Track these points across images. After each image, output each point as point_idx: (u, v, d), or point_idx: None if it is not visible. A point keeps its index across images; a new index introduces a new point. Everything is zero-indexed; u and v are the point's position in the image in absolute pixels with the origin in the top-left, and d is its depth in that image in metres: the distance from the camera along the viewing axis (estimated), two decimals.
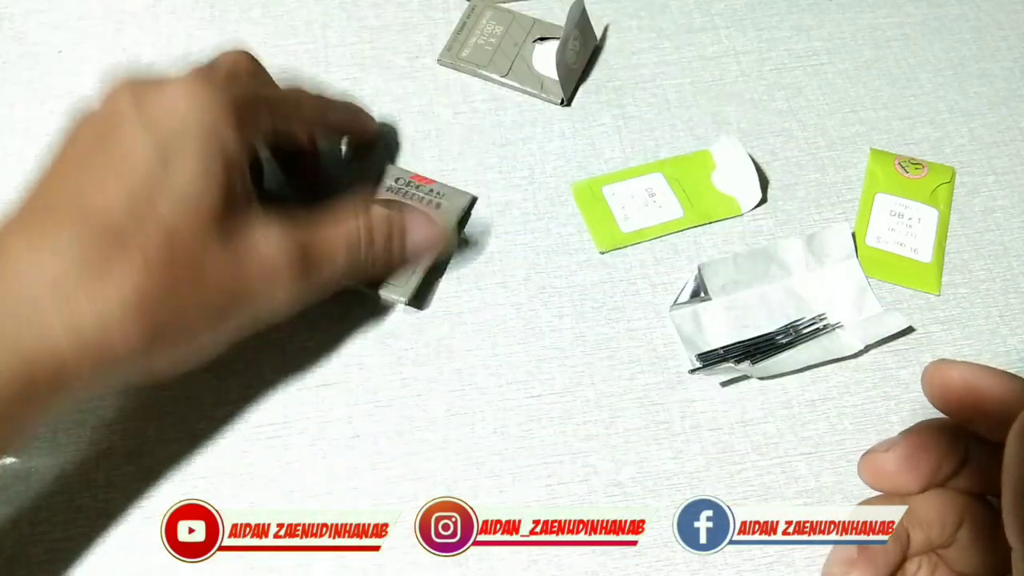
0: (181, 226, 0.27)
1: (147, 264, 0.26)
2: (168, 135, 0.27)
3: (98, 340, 0.25)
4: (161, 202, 0.27)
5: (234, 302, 0.29)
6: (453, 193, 0.39)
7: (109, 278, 0.25)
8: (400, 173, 0.39)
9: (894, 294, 0.38)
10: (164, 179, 0.27)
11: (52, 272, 0.25)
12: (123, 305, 0.25)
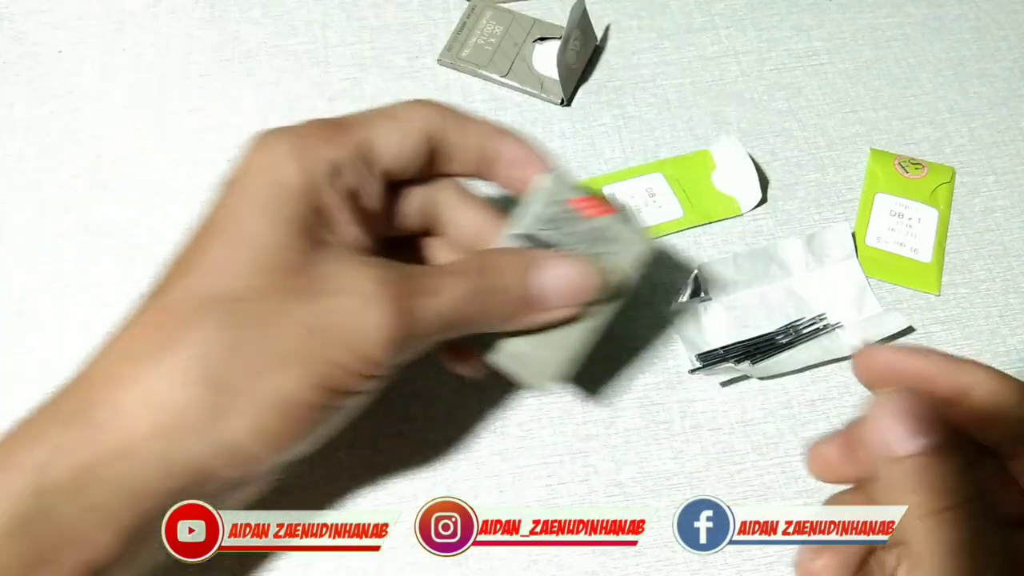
0: (231, 270, 0.25)
1: (194, 323, 0.24)
2: (230, 184, 0.27)
3: (160, 414, 0.23)
4: (206, 256, 0.25)
5: (313, 343, 0.24)
6: (629, 235, 0.28)
7: (166, 350, 0.24)
8: (558, 190, 0.28)
9: (894, 294, 0.38)
10: (215, 229, 0.26)
11: (127, 349, 0.25)
12: (184, 371, 0.23)
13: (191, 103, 0.43)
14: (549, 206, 0.28)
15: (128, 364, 0.24)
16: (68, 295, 0.37)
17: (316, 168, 0.26)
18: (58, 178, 0.40)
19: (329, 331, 0.24)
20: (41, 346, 0.36)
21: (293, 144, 0.26)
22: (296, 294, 0.24)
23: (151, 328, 0.25)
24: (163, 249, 0.38)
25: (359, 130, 0.27)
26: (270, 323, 0.24)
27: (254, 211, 0.25)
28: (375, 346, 0.24)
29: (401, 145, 0.27)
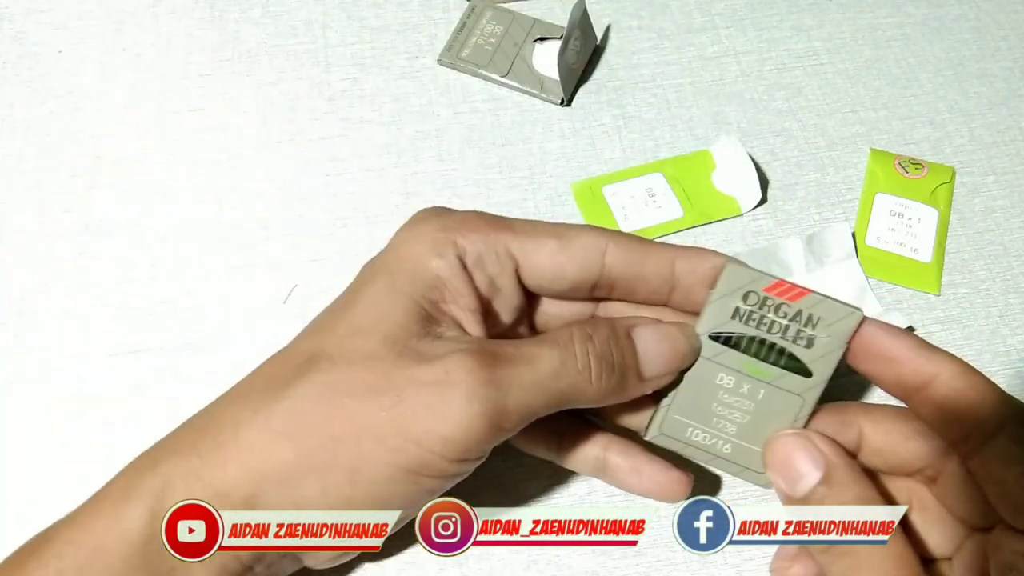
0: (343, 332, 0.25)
1: (298, 380, 0.25)
2: (375, 264, 0.27)
3: (252, 460, 0.24)
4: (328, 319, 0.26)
5: (402, 422, 0.23)
6: (834, 313, 0.26)
7: (270, 401, 0.25)
8: (751, 282, 0.26)
9: (894, 294, 0.38)
10: (345, 299, 0.27)
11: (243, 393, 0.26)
12: (278, 425, 0.24)
13: (191, 103, 0.43)
14: (744, 298, 0.26)
15: (239, 407, 0.25)
16: (68, 295, 0.37)
17: (451, 251, 0.26)
18: (58, 178, 0.40)
19: (411, 405, 0.23)
20: (41, 346, 0.36)
21: (443, 225, 0.26)
22: (387, 362, 0.24)
23: (266, 378, 0.26)
24: (163, 249, 0.39)
25: (517, 236, 0.27)
26: (359, 389, 0.24)
27: (375, 280, 0.26)
28: (458, 424, 0.23)
29: (554, 267, 0.27)
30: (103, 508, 0.25)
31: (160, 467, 0.24)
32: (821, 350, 0.26)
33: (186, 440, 0.25)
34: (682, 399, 0.28)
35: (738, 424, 0.27)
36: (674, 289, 0.27)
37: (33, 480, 0.33)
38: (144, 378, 0.35)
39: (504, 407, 0.24)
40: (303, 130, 0.42)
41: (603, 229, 0.28)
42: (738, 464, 0.28)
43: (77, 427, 0.34)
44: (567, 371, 0.25)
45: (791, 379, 0.27)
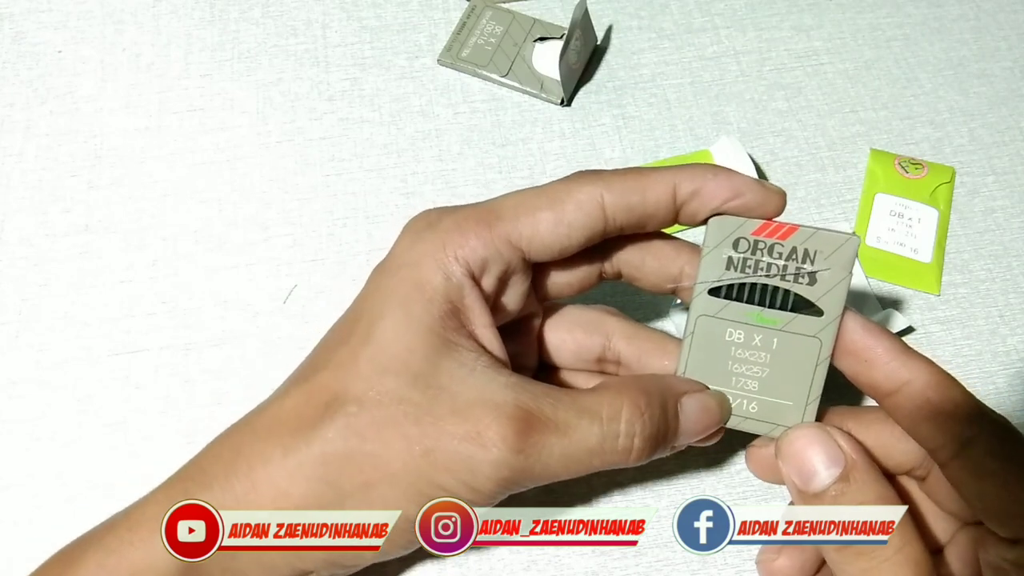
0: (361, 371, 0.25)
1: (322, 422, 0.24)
2: (376, 276, 0.26)
3: (281, 500, 0.24)
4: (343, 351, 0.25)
5: (425, 465, 0.23)
6: (829, 243, 0.25)
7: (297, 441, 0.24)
8: (738, 228, 0.26)
9: (894, 294, 0.38)
10: (356, 324, 0.25)
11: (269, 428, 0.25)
12: (305, 466, 0.24)
13: (191, 103, 0.43)
14: (735, 246, 0.26)
15: (268, 445, 0.25)
16: (68, 295, 0.37)
17: (458, 269, 0.25)
18: (58, 178, 0.40)
19: (442, 456, 0.23)
20: (41, 346, 0.36)
21: (442, 239, 0.25)
22: (418, 408, 0.24)
23: (292, 414, 0.25)
24: (163, 249, 0.39)
25: (514, 223, 0.26)
26: (388, 435, 0.24)
27: (390, 310, 0.25)
28: (486, 481, 0.23)
29: (558, 238, 0.26)
30: (135, 536, 0.24)
31: (204, 475, 0.25)
32: (826, 284, 0.25)
33: (216, 473, 0.25)
34: (695, 364, 0.26)
35: (759, 379, 0.26)
36: (679, 215, 0.26)
37: (33, 480, 0.33)
38: (144, 378, 0.35)
39: (530, 475, 0.24)
40: (303, 130, 0.42)
41: (594, 175, 0.26)
42: (768, 422, 0.26)
43: (77, 427, 0.34)
44: (604, 450, 0.24)
45: (803, 321, 0.25)
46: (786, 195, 0.26)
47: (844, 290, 0.25)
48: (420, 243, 0.26)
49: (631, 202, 0.25)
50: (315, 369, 0.26)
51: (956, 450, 0.23)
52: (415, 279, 0.25)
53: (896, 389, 0.24)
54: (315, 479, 0.24)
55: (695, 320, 0.26)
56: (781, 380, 0.26)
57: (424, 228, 0.26)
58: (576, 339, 0.30)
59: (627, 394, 0.25)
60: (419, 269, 0.25)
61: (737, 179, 0.25)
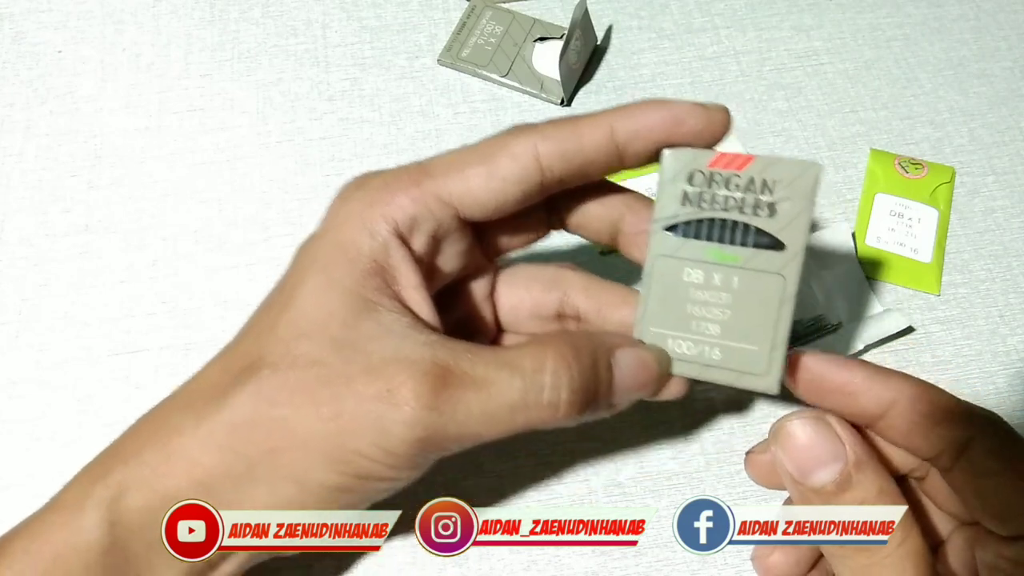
0: (276, 336, 0.24)
1: (232, 390, 0.23)
2: (307, 241, 0.26)
3: (195, 469, 0.23)
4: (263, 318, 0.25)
5: (336, 428, 0.22)
6: (789, 171, 0.24)
7: (208, 410, 0.24)
8: (692, 161, 0.24)
9: (894, 294, 0.38)
10: (280, 291, 0.25)
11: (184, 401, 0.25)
12: (215, 435, 0.23)
13: (191, 103, 0.43)
14: (690, 180, 0.24)
15: (183, 415, 0.24)
16: (68, 295, 0.37)
17: (384, 228, 0.24)
18: (58, 178, 0.40)
19: (353, 418, 0.22)
20: (41, 346, 0.36)
21: (368, 199, 0.25)
22: (331, 370, 0.23)
23: (209, 383, 0.25)
24: (163, 249, 0.39)
25: (444, 180, 0.25)
26: (298, 399, 0.23)
27: (311, 274, 0.24)
28: (400, 443, 0.22)
29: (492, 193, 0.24)
30: (58, 518, 0.24)
31: (111, 476, 0.24)
32: (787, 216, 0.23)
33: (134, 448, 0.25)
34: (654, 308, 0.25)
35: (720, 323, 0.24)
36: (624, 157, 0.25)
37: (33, 480, 0.33)
38: (144, 378, 0.35)
39: (448, 434, 0.23)
40: (303, 130, 0.42)
41: (528, 127, 0.25)
42: (733, 370, 0.24)
43: (77, 427, 0.34)
44: (528, 404, 0.23)
45: (764, 256, 0.24)
46: (729, 111, 0.24)
47: (806, 221, 0.23)
48: (347, 204, 0.25)
49: (567, 150, 0.24)
50: (237, 339, 0.25)
51: (955, 456, 0.23)
52: (339, 240, 0.24)
53: (884, 412, 0.24)
54: (224, 447, 0.23)
55: (652, 261, 0.25)
56: (744, 323, 0.24)
57: (353, 189, 0.25)
58: (533, 296, 0.28)
59: (553, 346, 0.24)
60: (343, 230, 0.24)
61: (675, 106, 0.24)
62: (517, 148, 0.24)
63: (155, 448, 0.24)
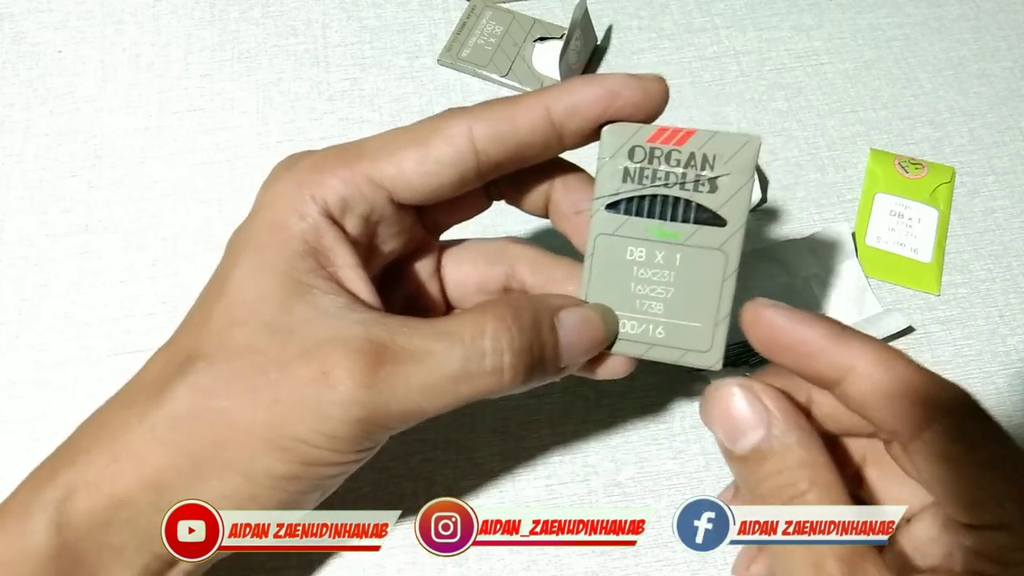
0: (211, 325, 0.23)
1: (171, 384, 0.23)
2: (241, 224, 0.25)
3: (144, 467, 0.23)
4: (200, 308, 0.24)
5: (277, 415, 0.22)
6: (729, 145, 0.24)
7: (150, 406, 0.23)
8: (632, 136, 0.24)
9: (894, 294, 0.38)
10: (215, 278, 0.24)
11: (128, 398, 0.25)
12: (159, 431, 0.23)
13: (191, 103, 0.43)
14: (630, 156, 0.24)
15: (126, 412, 0.24)
16: (68, 295, 0.37)
17: (314, 209, 0.24)
18: (58, 178, 0.40)
19: (290, 404, 0.22)
20: (41, 346, 0.36)
21: (297, 179, 0.24)
22: (266, 356, 0.22)
23: (151, 377, 0.24)
24: (163, 249, 0.39)
25: (376, 162, 0.24)
26: (235, 389, 0.22)
27: (242, 258, 0.24)
28: (340, 425, 0.22)
29: (425, 176, 0.24)
30: (5, 523, 0.23)
31: (58, 478, 0.23)
32: (728, 191, 0.24)
33: (81, 448, 0.24)
34: (597, 288, 0.24)
35: (663, 301, 0.24)
36: (562, 136, 0.24)
37: None
38: None
39: (388, 412, 0.22)
40: (303, 130, 0.42)
41: (462, 110, 0.24)
42: (678, 347, 0.24)
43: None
44: (470, 373, 0.22)
45: (705, 232, 0.24)
46: (664, 80, 0.24)
47: (747, 197, 0.23)
48: (277, 184, 0.24)
49: (502, 131, 0.23)
50: (177, 332, 0.25)
51: (913, 433, 0.21)
52: (269, 222, 0.24)
53: (842, 377, 0.22)
54: (168, 443, 0.23)
55: (594, 240, 0.24)
56: (687, 300, 0.24)
57: (282, 170, 0.25)
58: (479, 271, 0.28)
59: (492, 311, 0.23)
60: (272, 211, 0.24)
61: (609, 79, 0.24)
62: (451, 130, 0.24)
63: (100, 448, 0.24)
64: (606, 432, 0.34)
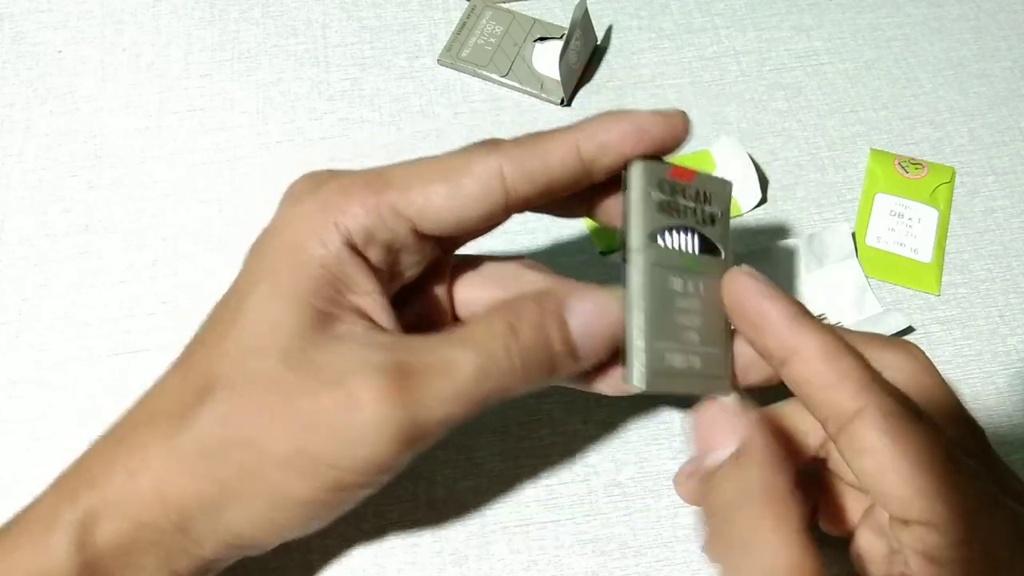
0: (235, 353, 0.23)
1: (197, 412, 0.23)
2: (256, 244, 0.25)
3: (169, 491, 0.23)
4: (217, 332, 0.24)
5: (310, 443, 0.22)
6: (716, 185, 0.26)
7: (175, 431, 0.23)
8: (659, 170, 0.25)
9: (894, 294, 0.38)
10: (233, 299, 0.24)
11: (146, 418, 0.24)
12: (186, 458, 0.23)
13: (191, 103, 0.43)
14: (660, 190, 0.24)
15: (147, 433, 0.24)
16: (68, 295, 0.37)
17: (337, 237, 0.23)
18: (58, 178, 0.40)
19: (323, 432, 0.22)
20: (41, 346, 0.36)
21: (321, 204, 0.24)
22: (294, 385, 0.22)
23: (169, 399, 0.24)
24: (163, 249, 0.39)
25: (404, 193, 0.24)
26: (262, 420, 0.22)
27: (260, 283, 0.23)
28: (376, 446, 0.22)
29: (453, 211, 0.24)
30: (24, 540, 0.23)
31: (80, 499, 0.23)
32: (720, 225, 0.26)
33: (100, 468, 0.24)
34: (652, 320, 0.24)
35: (696, 329, 0.24)
36: (592, 172, 0.24)
37: (33, 480, 0.33)
38: (144, 378, 0.35)
39: (421, 425, 0.22)
40: (303, 130, 0.42)
41: (492, 145, 0.24)
42: (712, 375, 0.25)
43: (77, 427, 0.34)
44: (490, 374, 0.23)
45: (712, 262, 0.25)
46: (687, 116, 0.25)
47: (729, 231, 0.26)
48: (299, 205, 0.24)
49: (532, 169, 0.23)
50: (190, 350, 0.25)
51: (841, 424, 0.22)
52: (288, 244, 0.23)
53: (787, 359, 0.22)
54: (195, 471, 0.23)
55: (646, 270, 0.24)
56: (712, 327, 0.25)
57: (305, 191, 0.24)
58: (487, 294, 0.27)
59: (499, 312, 0.23)
60: (293, 233, 0.23)
61: (637, 117, 0.24)
62: (481, 167, 0.23)
63: (123, 471, 0.23)
64: (606, 432, 0.34)
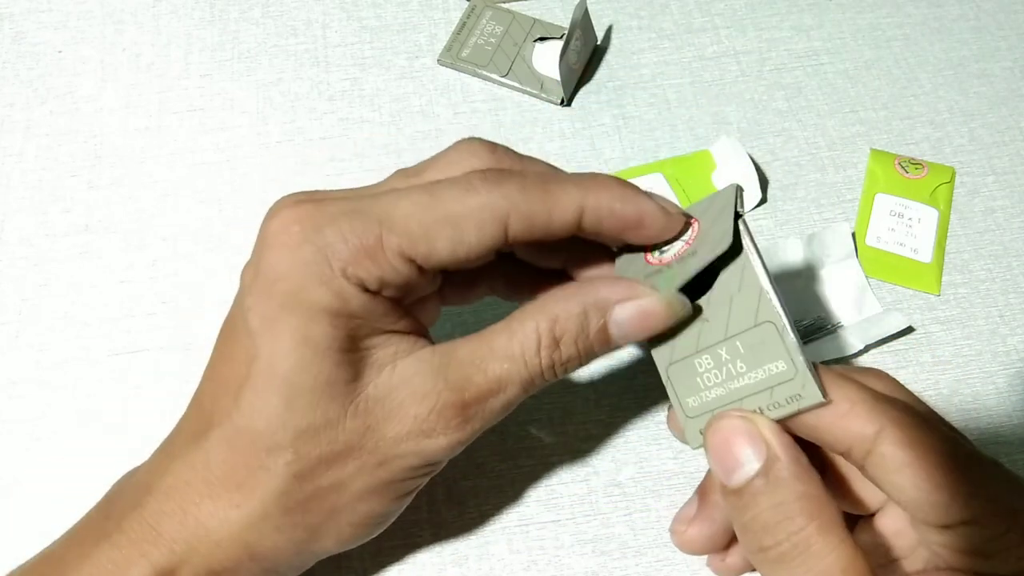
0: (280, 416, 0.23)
1: (264, 473, 0.24)
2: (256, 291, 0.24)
3: (255, 550, 0.24)
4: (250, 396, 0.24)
5: (383, 472, 0.24)
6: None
7: (245, 498, 0.24)
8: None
9: (894, 294, 0.38)
10: (256, 363, 0.24)
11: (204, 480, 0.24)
12: (269, 518, 0.24)
13: (191, 103, 0.43)
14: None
15: (215, 503, 0.24)
16: (68, 295, 0.37)
17: (351, 288, 0.23)
18: (58, 178, 0.40)
19: (397, 461, 0.24)
20: (41, 346, 0.36)
21: (323, 255, 0.23)
22: (354, 433, 0.24)
23: (225, 470, 0.24)
24: (163, 249, 0.39)
25: (409, 239, 0.23)
26: (335, 471, 0.24)
27: (287, 345, 0.23)
28: (443, 454, 0.25)
29: (456, 257, 0.24)
30: (104, 568, 0.24)
31: (162, 540, 0.24)
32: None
33: (176, 536, 0.24)
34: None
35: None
36: (582, 228, 0.25)
37: (33, 480, 0.33)
38: (144, 378, 0.35)
39: (479, 429, 0.25)
40: (303, 130, 0.42)
41: (494, 182, 0.24)
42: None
43: (77, 427, 0.34)
44: (535, 384, 0.25)
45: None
46: (688, 217, 0.25)
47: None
48: (299, 252, 0.23)
49: (536, 222, 0.24)
50: (226, 414, 0.24)
51: (867, 449, 0.22)
52: (306, 305, 0.23)
53: None
54: (284, 526, 0.24)
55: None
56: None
57: (301, 242, 0.23)
58: None
59: (543, 319, 0.24)
60: (309, 294, 0.23)
61: (643, 204, 0.24)
62: (485, 215, 0.23)
63: (201, 536, 0.24)
64: (606, 432, 0.34)
